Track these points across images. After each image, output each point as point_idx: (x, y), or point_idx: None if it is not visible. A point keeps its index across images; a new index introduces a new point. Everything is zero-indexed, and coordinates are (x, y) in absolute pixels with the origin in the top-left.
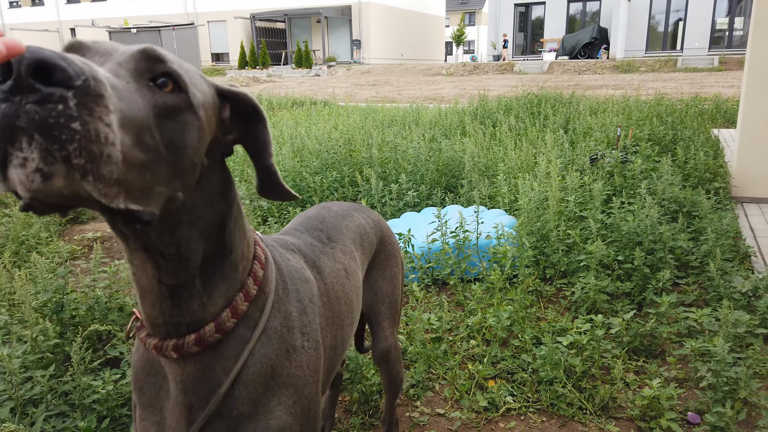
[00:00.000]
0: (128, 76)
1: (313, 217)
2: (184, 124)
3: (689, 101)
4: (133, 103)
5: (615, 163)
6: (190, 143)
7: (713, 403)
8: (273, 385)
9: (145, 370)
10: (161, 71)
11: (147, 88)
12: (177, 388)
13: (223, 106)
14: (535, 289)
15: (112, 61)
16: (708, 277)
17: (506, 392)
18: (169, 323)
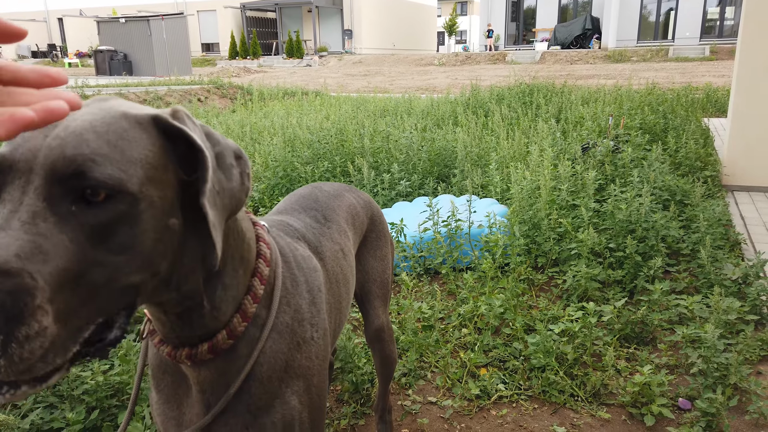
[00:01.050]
0: (47, 213)
1: (307, 196)
2: (133, 223)
3: (680, 90)
4: (61, 253)
5: (606, 152)
6: (148, 237)
7: (704, 389)
8: (286, 377)
9: (161, 369)
10: (84, 186)
11: (72, 217)
12: (195, 389)
13: (174, 145)
14: (527, 278)
15: (30, 191)
16: (699, 265)
17: (498, 380)
18: (183, 336)
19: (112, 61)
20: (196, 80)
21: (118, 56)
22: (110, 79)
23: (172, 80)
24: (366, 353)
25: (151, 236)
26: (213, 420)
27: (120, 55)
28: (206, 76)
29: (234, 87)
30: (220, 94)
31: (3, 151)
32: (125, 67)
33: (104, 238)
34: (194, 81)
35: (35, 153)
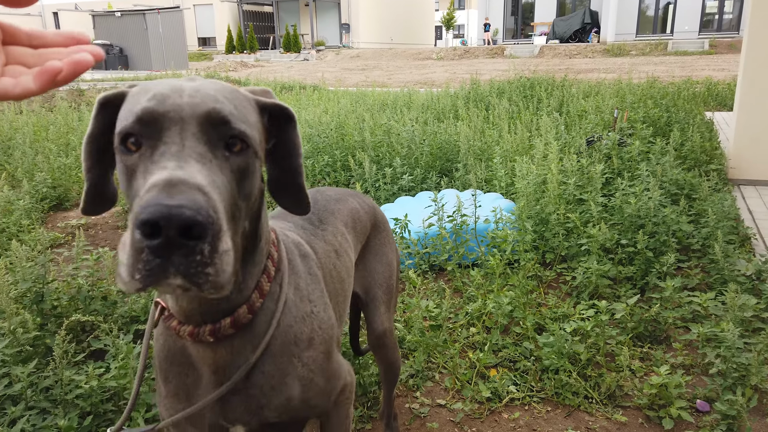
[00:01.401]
0: (210, 155)
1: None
2: (253, 173)
3: (681, 84)
4: (225, 190)
5: (612, 146)
6: (257, 184)
7: (723, 391)
8: (297, 350)
9: (168, 360)
10: (230, 135)
11: (224, 159)
12: (209, 371)
13: (263, 120)
14: (535, 274)
15: (188, 136)
16: (711, 260)
17: (509, 381)
18: (207, 312)
19: (107, 55)
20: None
21: (114, 50)
22: (106, 73)
23: (169, 75)
24: (372, 356)
25: (255, 192)
26: (228, 401)
27: (116, 50)
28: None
29: (231, 81)
30: None
31: (149, 105)
32: (121, 61)
33: (239, 184)
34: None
35: (181, 106)
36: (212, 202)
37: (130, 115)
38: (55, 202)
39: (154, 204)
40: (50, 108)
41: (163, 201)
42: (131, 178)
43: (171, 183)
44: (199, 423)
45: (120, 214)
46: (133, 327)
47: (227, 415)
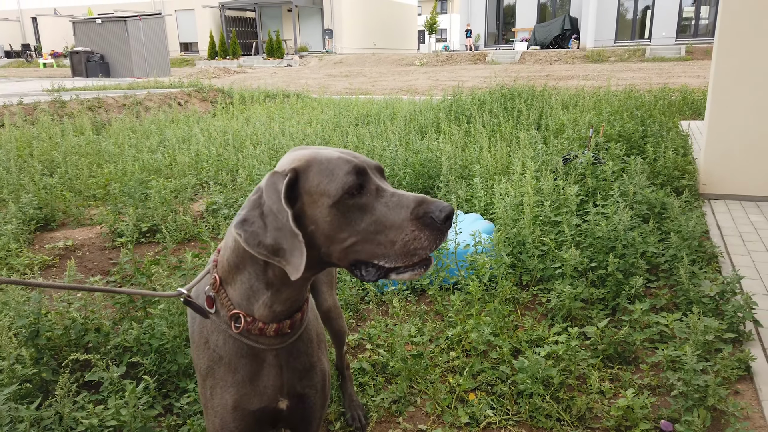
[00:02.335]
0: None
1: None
2: None
3: (657, 93)
4: None
5: (587, 165)
6: None
7: (684, 412)
8: (319, 341)
9: (238, 354)
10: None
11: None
12: (271, 357)
13: None
14: (512, 297)
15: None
16: (678, 281)
17: (486, 405)
18: (288, 311)
19: (88, 63)
20: (175, 83)
21: (95, 57)
22: (87, 81)
23: (151, 82)
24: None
25: None
26: (282, 378)
27: (97, 56)
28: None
29: (214, 90)
30: (200, 98)
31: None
32: (102, 68)
33: None
34: (174, 84)
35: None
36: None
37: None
38: (42, 222)
39: (444, 206)
40: (32, 121)
41: (443, 205)
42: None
43: (425, 198)
44: (263, 397)
45: (106, 235)
46: (125, 357)
47: (282, 389)
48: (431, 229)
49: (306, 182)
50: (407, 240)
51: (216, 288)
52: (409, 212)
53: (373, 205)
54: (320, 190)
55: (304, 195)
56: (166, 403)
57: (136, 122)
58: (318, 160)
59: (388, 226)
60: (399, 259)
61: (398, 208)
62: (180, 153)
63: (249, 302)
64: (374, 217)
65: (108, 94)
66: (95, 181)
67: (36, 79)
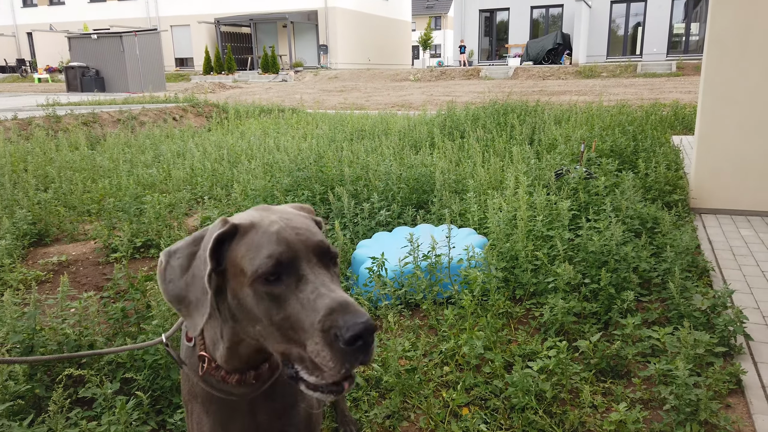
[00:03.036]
0: (331, 276)
1: None
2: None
3: (649, 108)
4: None
5: (579, 180)
6: None
7: (676, 426)
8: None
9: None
10: (331, 256)
11: (334, 274)
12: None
13: None
14: (506, 311)
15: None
16: (670, 295)
17: (480, 420)
18: (252, 363)
19: (83, 78)
20: (171, 98)
21: (90, 72)
22: (82, 96)
23: (147, 98)
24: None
25: None
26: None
27: (92, 72)
28: (181, 92)
29: (209, 105)
30: (195, 113)
31: (279, 248)
32: (97, 83)
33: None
34: (169, 99)
35: (302, 244)
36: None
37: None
38: (35, 238)
39: (357, 324)
40: (27, 136)
41: (357, 320)
42: (283, 301)
43: (346, 305)
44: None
45: (100, 250)
46: (119, 374)
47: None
48: (334, 349)
49: (235, 249)
50: (313, 351)
51: None
52: (316, 320)
53: (287, 298)
54: (241, 263)
55: (229, 263)
56: (159, 419)
57: (131, 137)
58: (256, 229)
59: (298, 327)
60: (312, 369)
61: (310, 311)
62: (175, 168)
63: (214, 347)
64: (286, 312)
65: (103, 109)
66: (89, 196)
67: (31, 94)
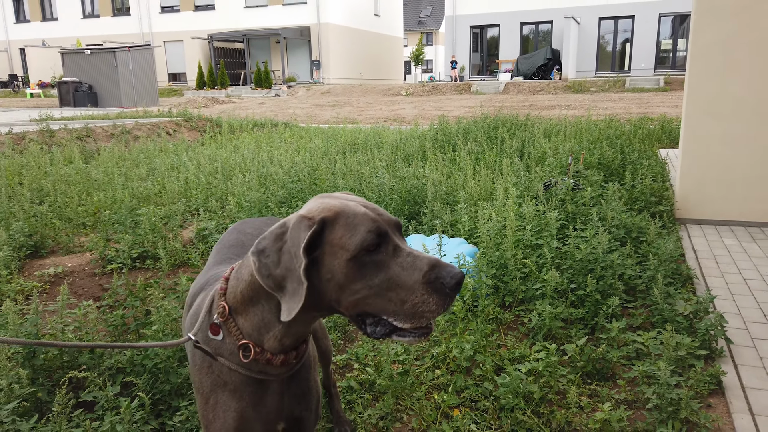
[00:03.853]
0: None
1: (235, 244)
2: None
3: (637, 122)
4: None
5: (567, 191)
6: None
7: (658, 424)
8: (314, 365)
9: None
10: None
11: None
12: (275, 386)
13: None
14: (495, 317)
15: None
16: (654, 301)
17: (470, 420)
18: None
19: (76, 93)
20: (164, 112)
21: (83, 87)
22: (75, 110)
23: (140, 112)
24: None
25: None
26: (282, 402)
27: (85, 87)
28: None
29: (203, 119)
30: (189, 127)
31: (375, 223)
32: (90, 98)
33: None
34: (162, 113)
35: (385, 221)
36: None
37: (369, 234)
38: (32, 250)
39: (456, 272)
40: (21, 150)
41: (455, 270)
42: (384, 266)
43: (439, 262)
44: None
45: (96, 262)
46: (119, 378)
47: (281, 413)
48: (440, 293)
49: (330, 233)
50: (416, 302)
51: (224, 316)
52: (422, 275)
53: (388, 263)
54: (341, 243)
55: (326, 245)
56: (158, 422)
57: (125, 151)
58: (345, 214)
59: (400, 286)
60: (406, 319)
61: (411, 270)
62: (169, 181)
63: (260, 334)
64: (388, 275)
65: (96, 124)
66: (85, 209)
67: (23, 109)
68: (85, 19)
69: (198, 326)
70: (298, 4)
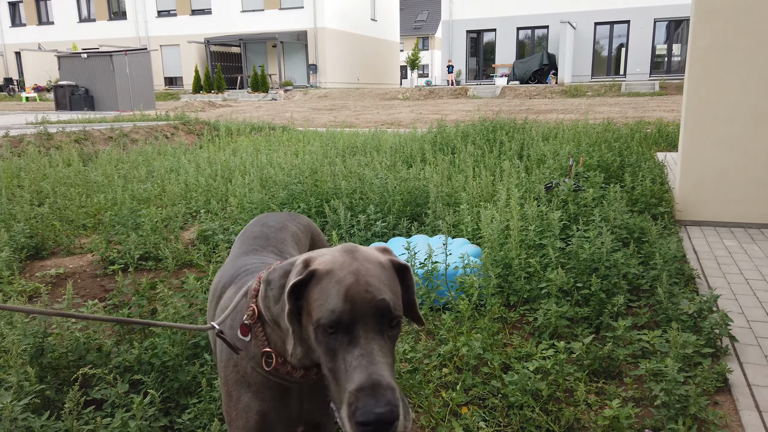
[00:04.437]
0: (382, 341)
1: (260, 236)
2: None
3: (634, 126)
4: (392, 364)
5: (568, 192)
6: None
7: (667, 421)
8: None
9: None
10: (391, 318)
11: (388, 338)
12: (296, 396)
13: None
14: (500, 316)
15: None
16: (657, 301)
17: (479, 418)
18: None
19: (73, 96)
20: (161, 116)
21: (80, 91)
22: (72, 114)
23: (137, 116)
24: None
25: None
26: (302, 407)
27: (81, 90)
28: (171, 110)
29: (200, 123)
30: (186, 130)
31: (345, 306)
32: (87, 102)
33: (394, 344)
34: (160, 117)
35: (363, 304)
36: (396, 393)
37: (331, 314)
38: (32, 251)
39: (368, 412)
40: (18, 153)
41: (374, 409)
42: (334, 354)
43: (373, 387)
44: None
45: (97, 263)
46: (127, 376)
47: (301, 417)
48: (352, 423)
49: (310, 290)
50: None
51: (254, 319)
52: (347, 391)
53: (338, 353)
54: (311, 307)
55: (305, 300)
56: (167, 420)
57: (123, 154)
58: (330, 278)
59: (339, 383)
60: (342, 420)
61: (347, 378)
62: (169, 183)
63: (284, 346)
64: (335, 365)
65: (94, 127)
66: (85, 211)
67: (19, 112)
68: (81, 23)
69: (224, 317)
70: (295, 8)
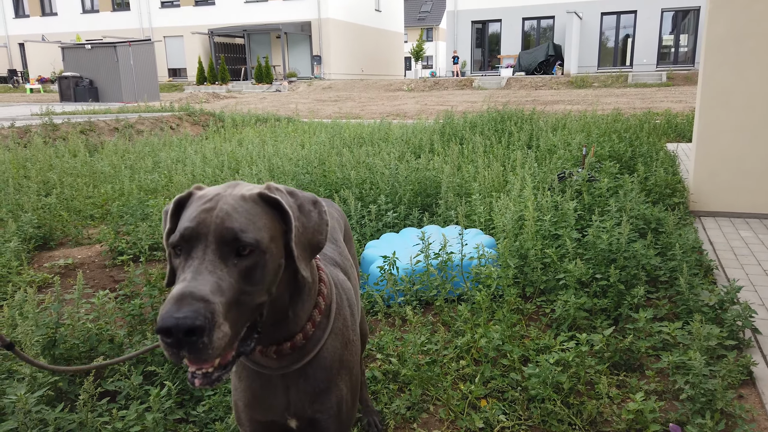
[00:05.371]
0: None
1: None
2: (262, 266)
3: (642, 117)
4: (230, 289)
5: (582, 182)
6: (270, 273)
7: (693, 415)
8: (340, 368)
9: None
10: (240, 246)
11: (234, 266)
12: (278, 376)
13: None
14: (517, 308)
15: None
16: (677, 291)
17: (499, 411)
18: (273, 338)
19: (77, 88)
20: (166, 107)
21: (84, 82)
22: (76, 105)
23: (141, 107)
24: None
25: (271, 273)
26: (288, 397)
27: (85, 82)
28: (175, 102)
29: (206, 114)
30: (191, 121)
31: (190, 225)
32: (91, 93)
33: (248, 277)
34: (164, 108)
35: (208, 226)
36: (211, 306)
37: (177, 232)
38: (41, 242)
39: (166, 317)
40: (24, 144)
41: (173, 314)
42: (173, 274)
43: (182, 296)
44: (268, 412)
45: (106, 254)
46: (140, 368)
47: (289, 408)
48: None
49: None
50: None
51: None
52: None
53: (176, 273)
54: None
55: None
56: (182, 412)
57: (129, 145)
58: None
59: None
60: None
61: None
62: (176, 173)
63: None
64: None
65: (99, 118)
66: (92, 201)
67: (24, 104)
68: (85, 14)
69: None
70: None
